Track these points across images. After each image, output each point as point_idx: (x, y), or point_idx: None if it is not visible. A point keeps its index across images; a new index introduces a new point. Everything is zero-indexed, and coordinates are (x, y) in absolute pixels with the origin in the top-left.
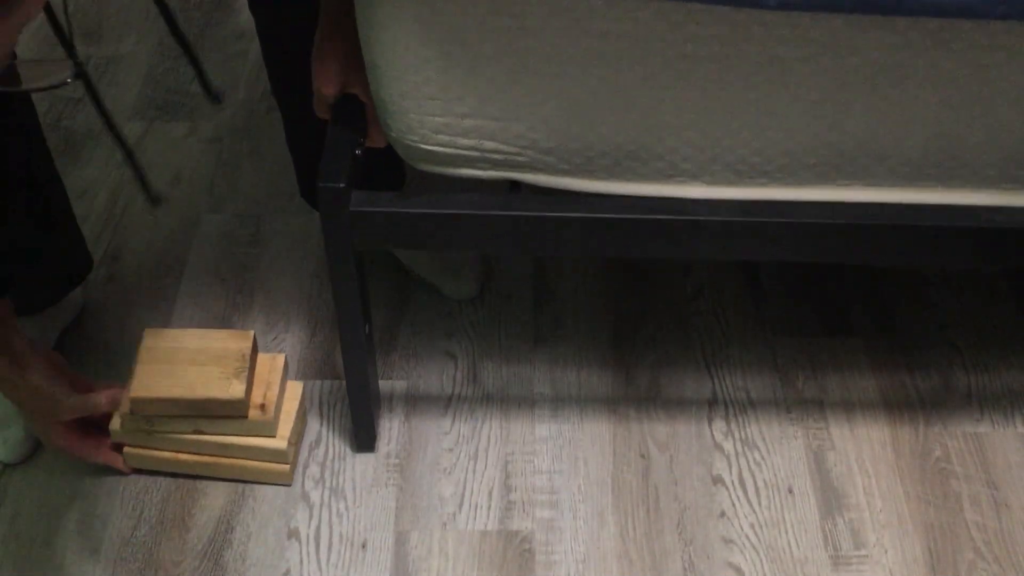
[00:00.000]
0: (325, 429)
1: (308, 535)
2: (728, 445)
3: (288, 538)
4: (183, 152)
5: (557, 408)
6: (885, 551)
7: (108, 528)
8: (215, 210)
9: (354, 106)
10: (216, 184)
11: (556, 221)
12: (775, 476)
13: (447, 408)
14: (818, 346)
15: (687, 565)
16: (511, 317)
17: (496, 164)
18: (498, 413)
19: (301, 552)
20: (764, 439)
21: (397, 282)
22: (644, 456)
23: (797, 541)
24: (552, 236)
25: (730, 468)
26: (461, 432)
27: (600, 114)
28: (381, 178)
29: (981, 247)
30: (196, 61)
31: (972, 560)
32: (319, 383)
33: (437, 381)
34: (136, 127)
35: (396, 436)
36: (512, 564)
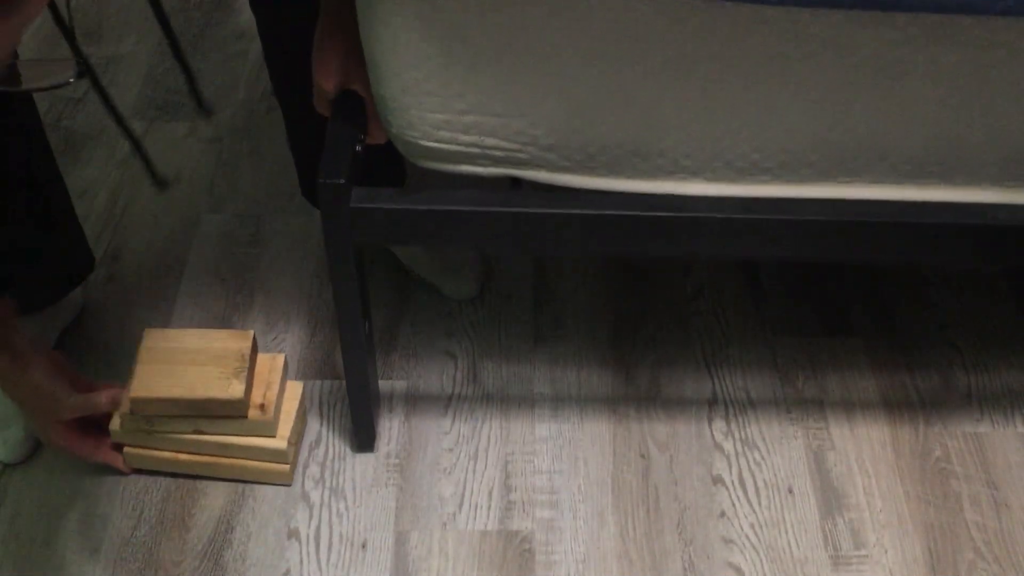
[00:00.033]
0: (325, 429)
1: (308, 535)
2: (728, 445)
3: (288, 538)
4: (183, 152)
5: (557, 408)
6: (885, 551)
7: (108, 528)
8: (215, 210)
9: (354, 102)
10: (216, 184)
11: (557, 218)
12: (775, 476)
13: (447, 408)
14: (818, 346)
15: (687, 565)
16: (511, 317)
17: (497, 161)
18: (498, 413)
19: (301, 552)
20: (764, 439)
21: (397, 282)
22: (644, 456)
23: (797, 541)
24: (553, 233)
25: (730, 468)
26: (461, 432)
27: (601, 111)
28: (381, 175)
29: (982, 245)
30: (188, 69)
31: (972, 560)
32: (319, 383)
33: (437, 381)
34: (136, 127)
35: (396, 436)
36: (512, 564)
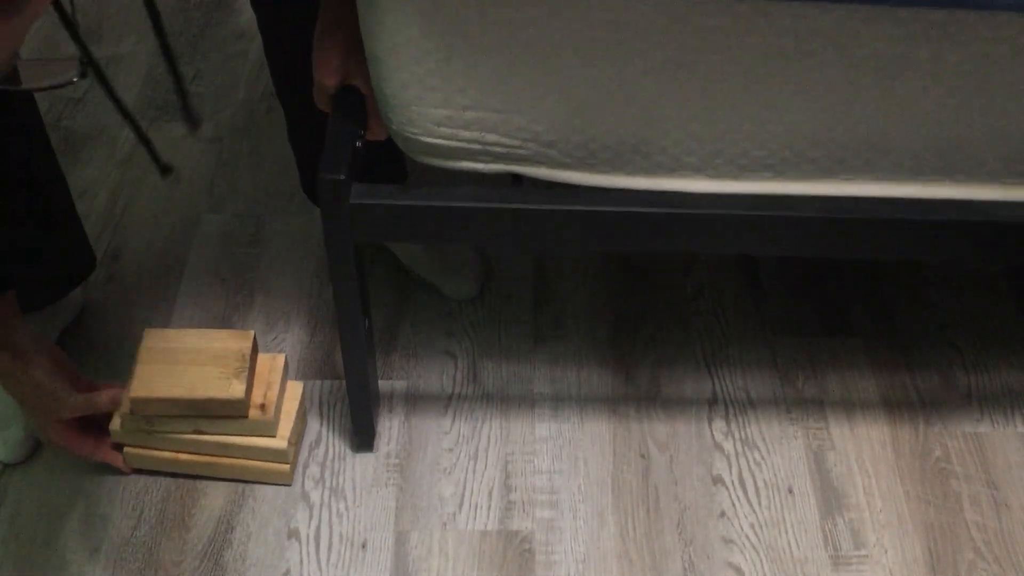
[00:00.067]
0: (325, 429)
1: (308, 535)
2: (728, 445)
3: (288, 538)
4: (183, 152)
5: (557, 408)
6: (885, 551)
7: (108, 528)
8: (215, 210)
9: (355, 98)
10: (216, 184)
11: (557, 215)
12: (775, 476)
13: (447, 408)
14: (818, 346)
15: (687, 565)
16: (511, 317)
17: (497, 157)
18: (498, 413)
19: (301, 552)
20: (764, 439)
21: (397, 282)
22: (644, 456)
23: (797, 541)
24: (553, 230)
25: (730, 468)
26: (461, 432)
27: (602, 107)
28: (382, 171)
29: (983, 243)
30: (180, 79)
31: (972, 560)
32: (319, 383)
33: (437, 381)
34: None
35: (396, 436)
36: (512, 564)
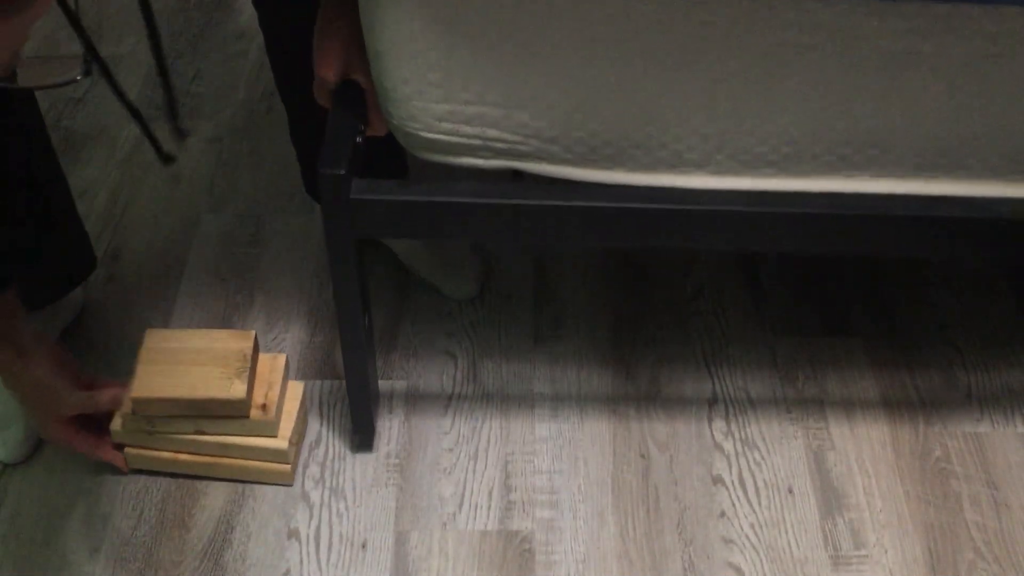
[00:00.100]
0: (325, 429)
1: (308, 535)
2: (728, 445)
3: (288, 538)
4: (183, 152)
5: (557, 408)
6: (885, 551)
7: (108, 528)
8: (215, 210)
9: (355, 92)
10: (216, 184)
11: (559, 210)
12: (775, 476)
13: (447, 408)
14: (818, 346)
15: (687, 565)
16: (511, 317)
17: (499, 153)
18: (498, 413)
19: (301, 552)
20: (764, 439)
21: (397, 282)
22: (644, 456)
23: (797, 541)
24: (555, 225)
25: (730, 468)
26: (461, 432)
27: (604, 102)
28: (382, 167)
29: (987, 239)
30: (170, 89)
31: (972, 560)
32: (319, 383)
33: (437, 381)
34: (135, 127)
35: (396, 436)
36: (512, 564)
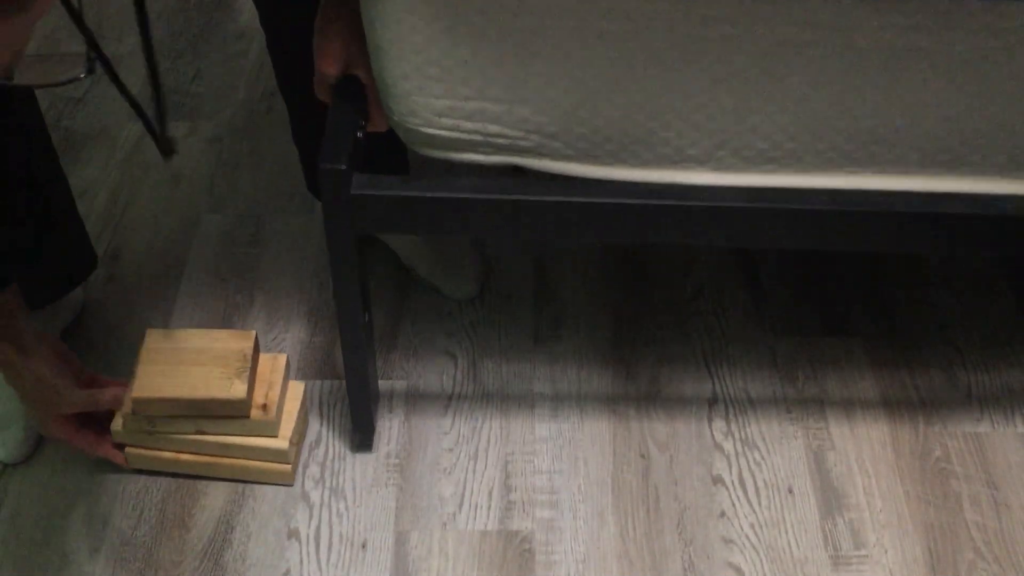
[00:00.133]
0: (325, 429)
1: (308, 535)
2: (728, 445)
3: (288, 538)
4: (183, 152)
5: (557, 408)
6: (885, 551)
7: (108, 528)
8: (215, 210)
9: (356, 87)
10: (216, 184)
11: (560, 206)
12: (775, 476)
13: (447, 408)
14: (818, 346)
15: (687, 565)
16: (511, 317)
17: (499, 149)
18: (498, 413)
19: (301, 552)
20: (764, 439)
21: (397, 282)
22: (644, 456)
23: (797, 541)
24: (556, 221)
25: (730, 468)
26: (461, 432)
27: (606, 98)
28: (383, 163)
29: (989, 236)
30: (161, 100)
31: (972, 560)
32: (319, 383)
33: (437, 381)
34: (136, 127)
35: (396, 436)
36: (512, 564)
